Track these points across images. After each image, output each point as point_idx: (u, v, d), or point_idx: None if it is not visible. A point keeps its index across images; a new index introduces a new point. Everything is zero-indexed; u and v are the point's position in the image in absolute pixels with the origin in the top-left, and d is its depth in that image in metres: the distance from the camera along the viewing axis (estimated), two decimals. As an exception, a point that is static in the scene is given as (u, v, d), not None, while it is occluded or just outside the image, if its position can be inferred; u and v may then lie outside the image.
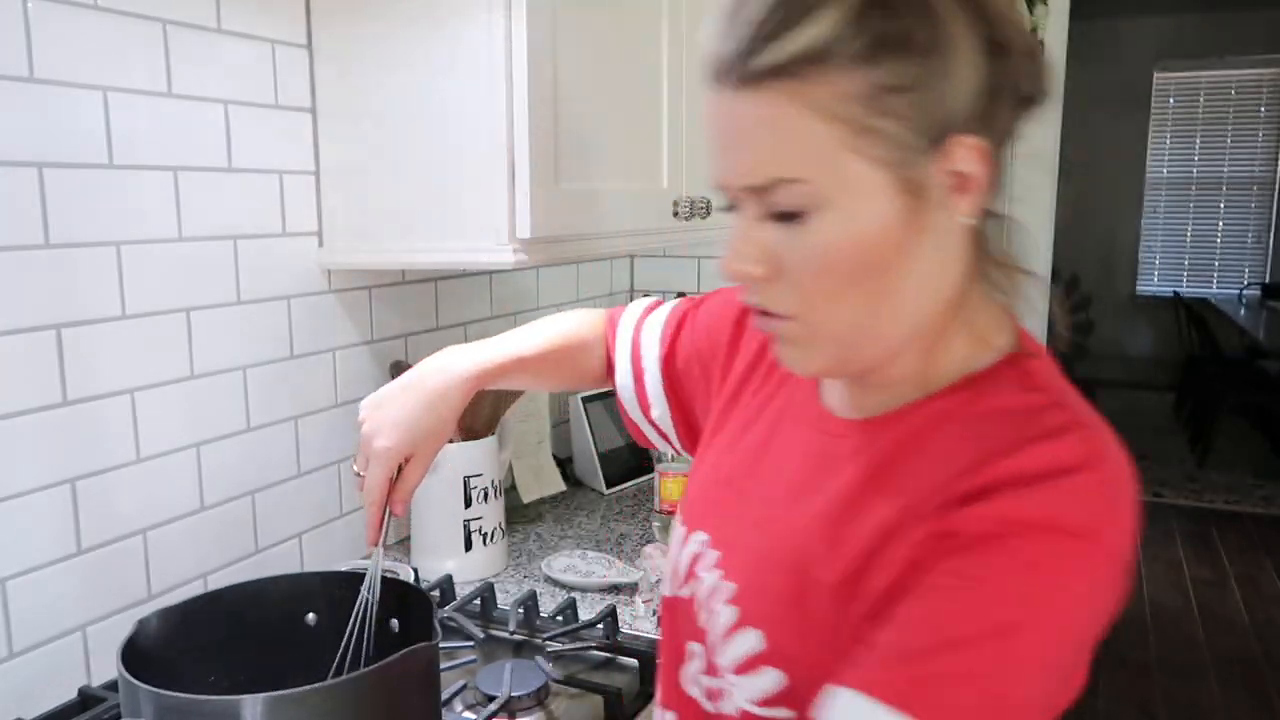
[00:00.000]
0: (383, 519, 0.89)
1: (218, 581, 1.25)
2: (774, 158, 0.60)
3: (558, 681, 1.08)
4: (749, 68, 0.59)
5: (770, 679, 0.67)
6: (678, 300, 1.00)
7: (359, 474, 0.90)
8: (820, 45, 0.56)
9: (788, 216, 0.60)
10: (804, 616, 0.66)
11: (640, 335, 0.99)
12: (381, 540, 0.90)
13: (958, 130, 0.59)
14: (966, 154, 0.60)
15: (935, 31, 0.57)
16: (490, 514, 1.43)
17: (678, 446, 0.99)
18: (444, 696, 0.99)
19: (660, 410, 0.97)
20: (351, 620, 0.89)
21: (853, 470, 0.68)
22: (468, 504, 1.40)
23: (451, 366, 0.94)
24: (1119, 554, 0.58)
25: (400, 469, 0.90)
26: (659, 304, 1.01)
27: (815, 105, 0.57)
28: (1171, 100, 6.65)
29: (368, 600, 0.89)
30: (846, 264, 0.60)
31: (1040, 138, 2.65)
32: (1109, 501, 0.59)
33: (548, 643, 1.19)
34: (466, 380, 0.94)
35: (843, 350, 0.65)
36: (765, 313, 0.65)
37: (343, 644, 0.89)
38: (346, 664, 0.89)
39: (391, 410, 0.90)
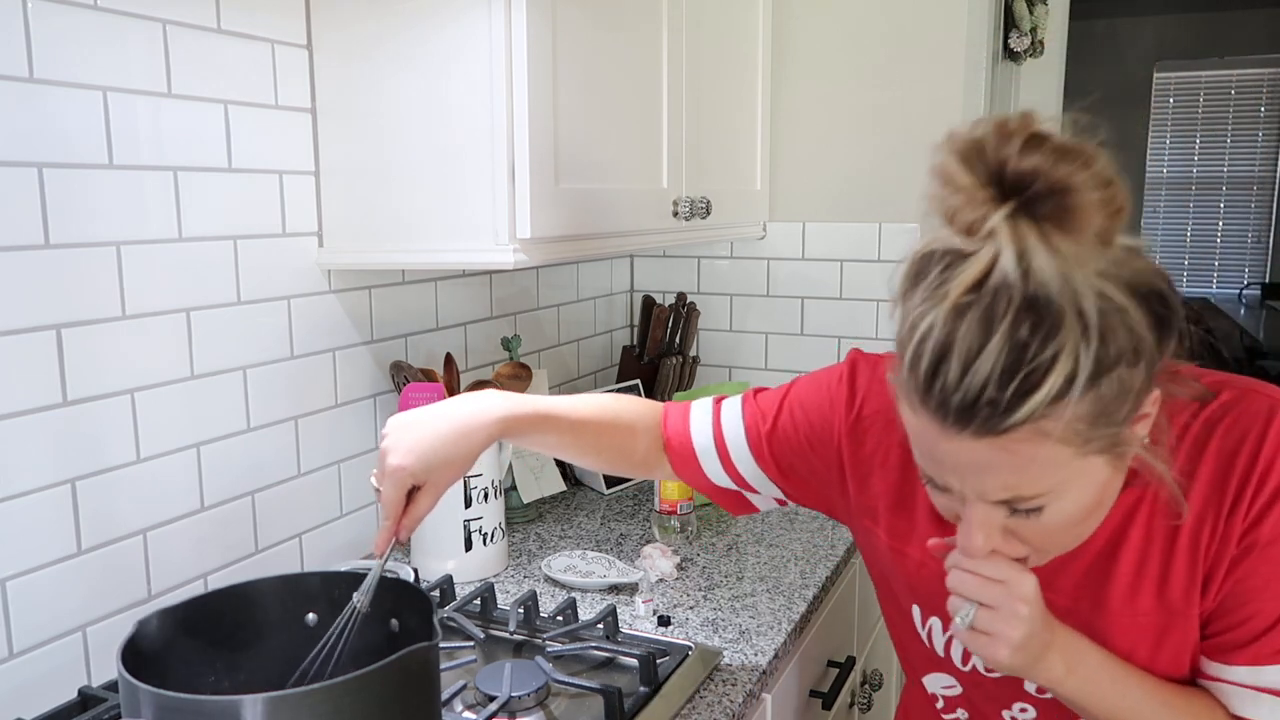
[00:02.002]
0: (393, 536, 0.91)
1: (218, 581, 1.25)
2: (1015, 482, 0.69)
3: (558, 681, 1.08)
4: (995, 426, 0.64)
5: None
6: (742, 393, 1.09)
7: (376, 488, 0.93)
8: (1055, 395, 0.62)
9: (1023, 510, 0.71)
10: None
11: (721, 414, 1.06)
12: (386, 556, 0.91)
13: (1150, 393, 0.69)
14: (1149, 403, 0.70)
15: (1132, 334, 0.64)
16: (490, 514, 1.43)
17: (775, 498, 1.08)
18: (444, 696, 0.99)
19: (749, 467, 1.04)
20: (336, 624, 0.90)
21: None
22: (468, 504, 1.40)
23: (483, 406, 0.96)
24: None
25: (413, 493, 0.91)
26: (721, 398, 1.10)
27: (1054, 436, 0.65)
28: (1171, 100, 6.65)
29: (357, 607, 0.89)
30: (1073, 522, 0.74)
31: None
32: None
33: (548, 643, 1.19)
34: (494, 423, 0.95)
35: (1069, 548, 0.81)
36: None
37: (321, 645, 0.89)
38: (316, 666, 0.89)
39: (414, 433, 0.92)
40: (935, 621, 0.95)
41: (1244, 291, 6.57)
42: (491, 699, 1.03)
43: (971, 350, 0.63)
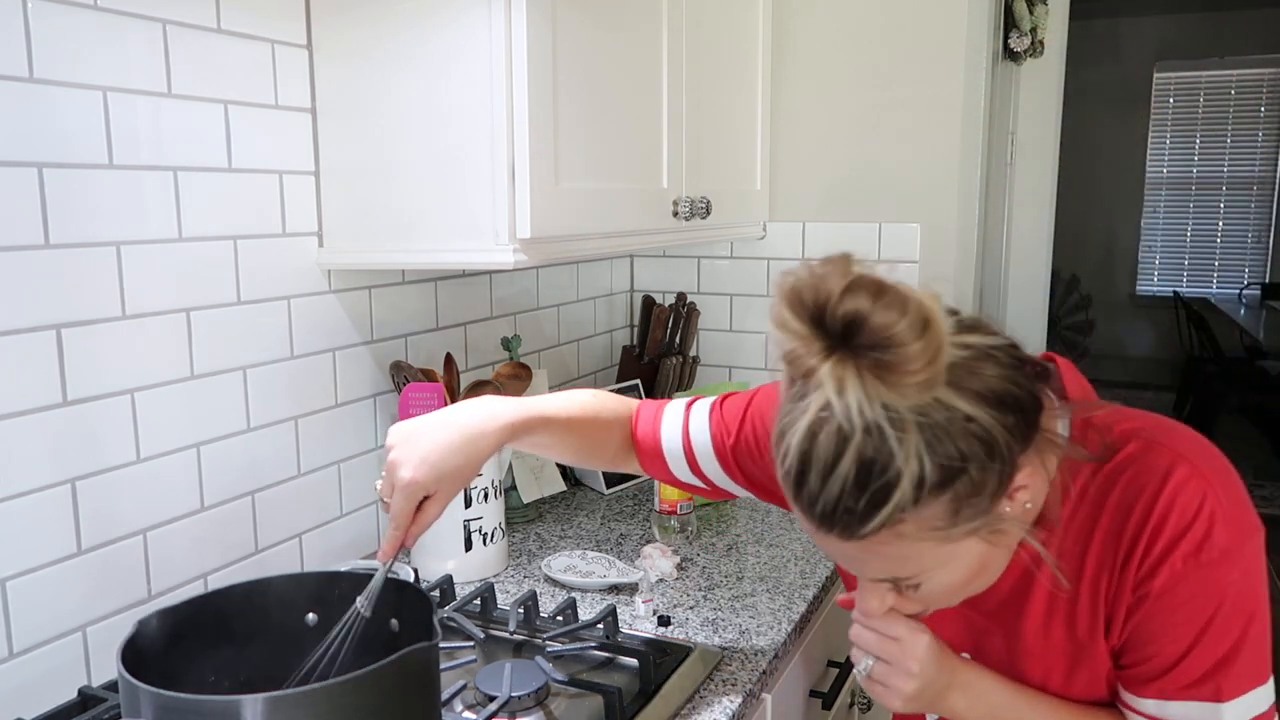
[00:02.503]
0: (400, 544, 0.92)
1: (218, 581, 1.25)
2: (888, 569, 0.76)
3: (558, 681, 1.08)
4: (850, 534, 0.70)
5: None
6: (713, 397, 1.11)
7: (384, 500, 0.93)
8: (904, 503, 0.67)
9: (905, 585, 0.78)
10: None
11: (690, 418, 1.09)
12: (391, 563, 0.91)
13: (1013, 479, 0.72)
14: (1021, 478, 0.73)
15: (980, 438, 0.68)
16: (490, 514, 1.43)
17: (737, 495, 1.12)
18: (444, 696, 0.99)
19: (716, 474, 1.08)
20: (337, 628, 0.90)
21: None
22: (468, 504, 1.40)
23: (491, 413, 0.97)
24: (1254, 528, 0.80)
25: (421, 502, 0.92)
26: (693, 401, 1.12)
27: (911, 536, 0.70)
28: (1171, 100, 6.65)
29: (359, 612, 0.89)
30: (954, 590, 0.79)
31: (1040, 138, 2.66)
32: (1230, 501, 0.79)
33: (548, 643, 1.19)
34: (502, 430, 0.97)
35: (970, 595, 0.83)
36: None
37: (321, 650, 0.89)
38: (319, 669, 0.89)
39: (422, 444, 0.92)
40: None
41: (1244, 291, 6.57)
42: (491, 699, 1.03)
43: (827, 465, 0.68)
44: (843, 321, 0.64)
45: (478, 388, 1.47)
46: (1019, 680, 0.90)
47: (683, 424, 1.08)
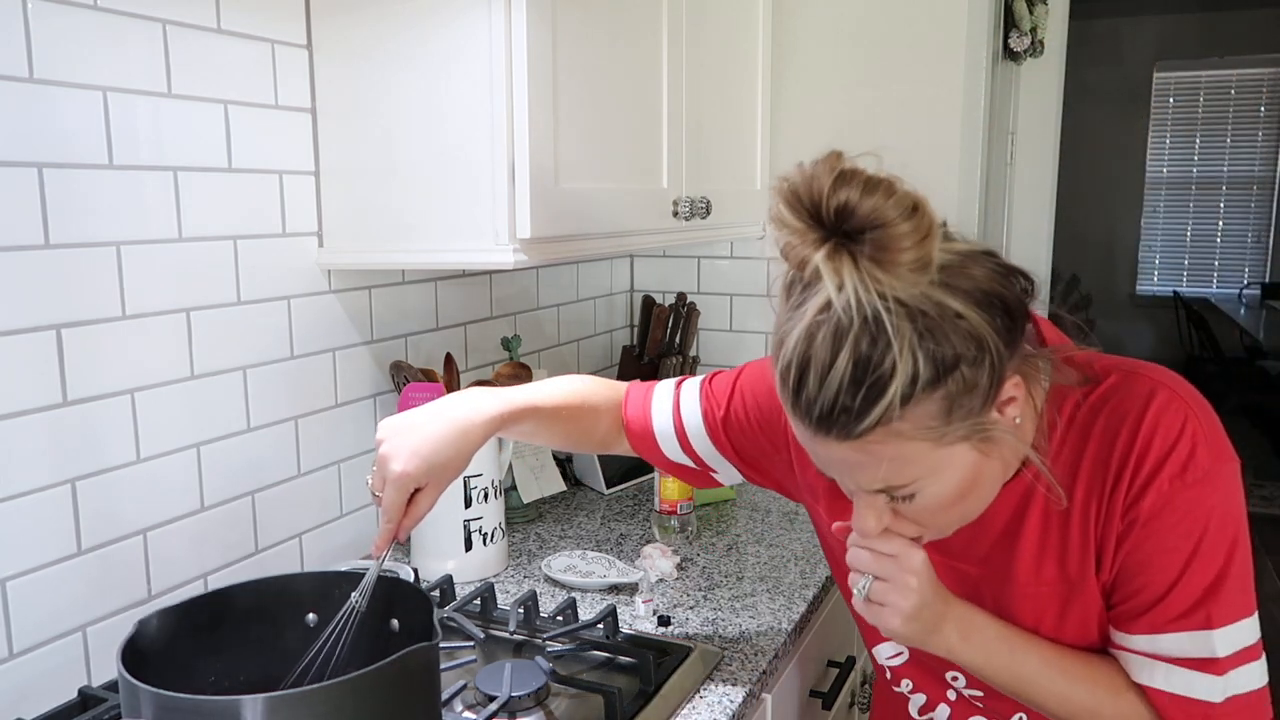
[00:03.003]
0: (394, 537, 0.92)
1: (218, 581, 1.25)
2: (884, 475, 0.76)
3: (558, 681, 1.08)
4: (850, 431, 0.71)
5: None
6: (702, 376, 1.11)
7: (375, 494, 0.93)
8: (899, 399, 0.69)
9: (898, 496, 0.78)
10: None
11: (681, 396, 1.09)
12: (384, 556, 0.91)
13: (1002, 384, 0.74)
14: (1009, 388, 0.75)
15: (971, 336, 0.70)
16: (490, 514, 1.43)
17: (724, 477, 1.12)
18: (444, 696, 0.99)
19: (707, 450, 1.08)
20: (334, 622, 0.90)
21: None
22: (468, 504, 1.40)
23: (478, 405, 0.98)
24: (1230, 455, 0.81)
25: (413, 495, 0.92)
26: (682, 380, 1.13)
27: (907, 434, 0.71)
28: (1171, 100, 6.65)
29: (355, 606, 0.90)
30: (949, 504, 0.80)
31: (1040, 138, 2.65)
32: (1209, 426, 0.80)
33: (548, 643, 1.19)
34: (491, 421, 0.97)
35: (963, 523, 0.85)
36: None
37: (319, 644, 0.89)
38: (316, 665, 0.89)
39: (413, 438, 0.93)
40: None
41: (1244, 291, 6.57)
42: (491, 699, 1.03)
43: (824, 365, 0.70)
44: (835, 211, 0.67)
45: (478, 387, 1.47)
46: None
47: (673, 403, 1.09)
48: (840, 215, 0.67)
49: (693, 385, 1.10)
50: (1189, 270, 6.83)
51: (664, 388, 1.12)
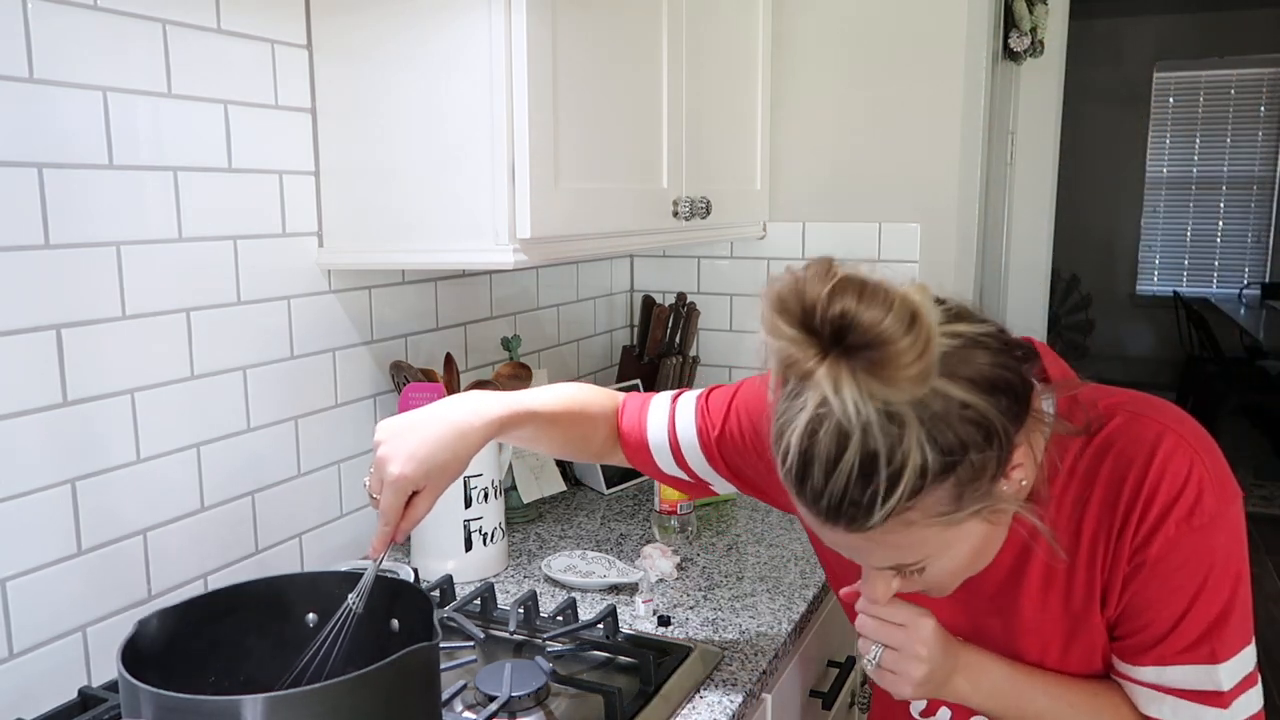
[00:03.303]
0: (391, 540, 0.91)
1: (218, 581, 1.25)
2: (894, 557, 0.77)
3: (558, 681, 1.08)
4: (861, 525, 0.71)
5: None
6: (700, 390, 1.11)
7: (373, 496, 0.93)
8: (908, 492, 0.69)
9: (910, 571, 0.79)
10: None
11: (676, 411, 1.09)
12: (381, 559, 0.91)
13: (1010, 459, 0.74)
14: (1016, 457, 0.75)
15: (977, 423, 0.70)
16: (490, 514, 1.43)
17: (721, 488, 1.12)
18: (444, 696, 0.99)
19: (701, 466, 1.08)
20: (330, 625, 0.90)
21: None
22: (468, 504, 1.40)
23: (477, 408, 0.97)
24: (1235, 492, 0.82)
25: (410, 498, 0.92)
26: (680, 393, 1.13)
27: (918, 522, 0.72)
28: (1171, 100, 6.65)
29: (352, 608, 0.90)
30: (960, 571, 0.82)
31: (1040, 138, 2.66)
32: (1214, 467, 0.81)
33: (548, 643, 1.19)
34: (490, 424, 0.97)
35: (969, 575, 0.85)
36: None
37: (315, 646, 0.89)
38: (313, 667, 0.89)
39: (410, 440, 0.92)
40: None
41: (1244, 291, 6.57)
42: (491, 699, 1.03)
43: (830, 460, 0.69)
44: (832, 324, 0.65)
45: (479, 388, 1.47)
46: (1017, 658, 0.91)
47: (668, 418, 1.09)
48: (838, 329, 0.65)
49: (689, 400, 1.09)
50: (1189, 270, 6.83)
51: (660, 401, 1.11)
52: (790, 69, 2.00)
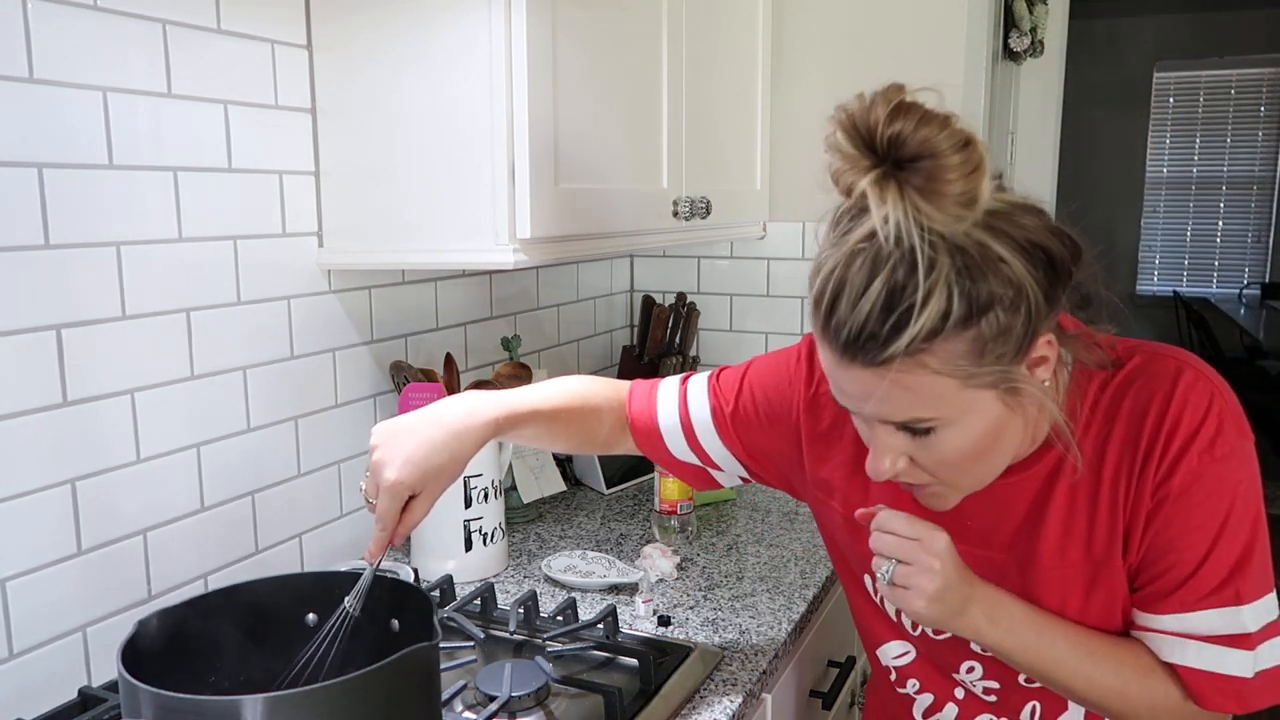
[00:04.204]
0: (388, 543, 0.91)
1: (218, 581, 1.25)
2: (907, 407, 0.75)
3: (558, 681, 1.08)
4: (875, 357, 0.71)
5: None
6: (709, 371, 1.11)
7: (369, 500, 0.92)
8: (930, 328, 0.69)
9: (918, 431, 0.77)
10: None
11: (688, 392, 1.09)
12: (378, 562, 0.90)
13: (1036, 338, 0.74)
14: (1042, 346, 0.76)
15: (1010, 282, 0.70)
16: (490, 514, 1.43)
17: (727, 477, 1.12)
18: (444, 696, 0.99)
19: (715, 446, 1.07)
20: (326, 627, 0.89)
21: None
22: (468, 504, 1.40)
23: (474, 409, 0.96)
24: (1249, 432, 0.83)
25: (407, 502, 0.91)
26: (688, 375, 1.13)
27: (934, 368, 0.71)
28: (1171, 100, 6.65)
29: (348, 611, 0.89)
30: (968, 456, 0.79)
31: (1040, 138, 2.66)
32: (1232, 403, 0.82)
33: (548, 643, 1.19)
34: (487, 425, 0.95)
35: (975, 487, 0.85)
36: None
37: (311, 648, 0.89)
38: (310, 669, 0.89)
39: (406, 443, 0.91)
40: None
41: (1244, 291, 6.57)
42: (491, 699, 1.03)
43: (859, 289, 0.70)
44: (887, 140, 0.68)
45: (479, 388, 1.47)
46: None
47: (679, 399, 1.09)
48: (892, 144, 0.68)
49: (699, 381, 1.09)
50: (1189, 270, 6.83)
51: (669, 384, 1.11)
52: (790, 68, 2.00)
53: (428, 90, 1.25)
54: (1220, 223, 6.70)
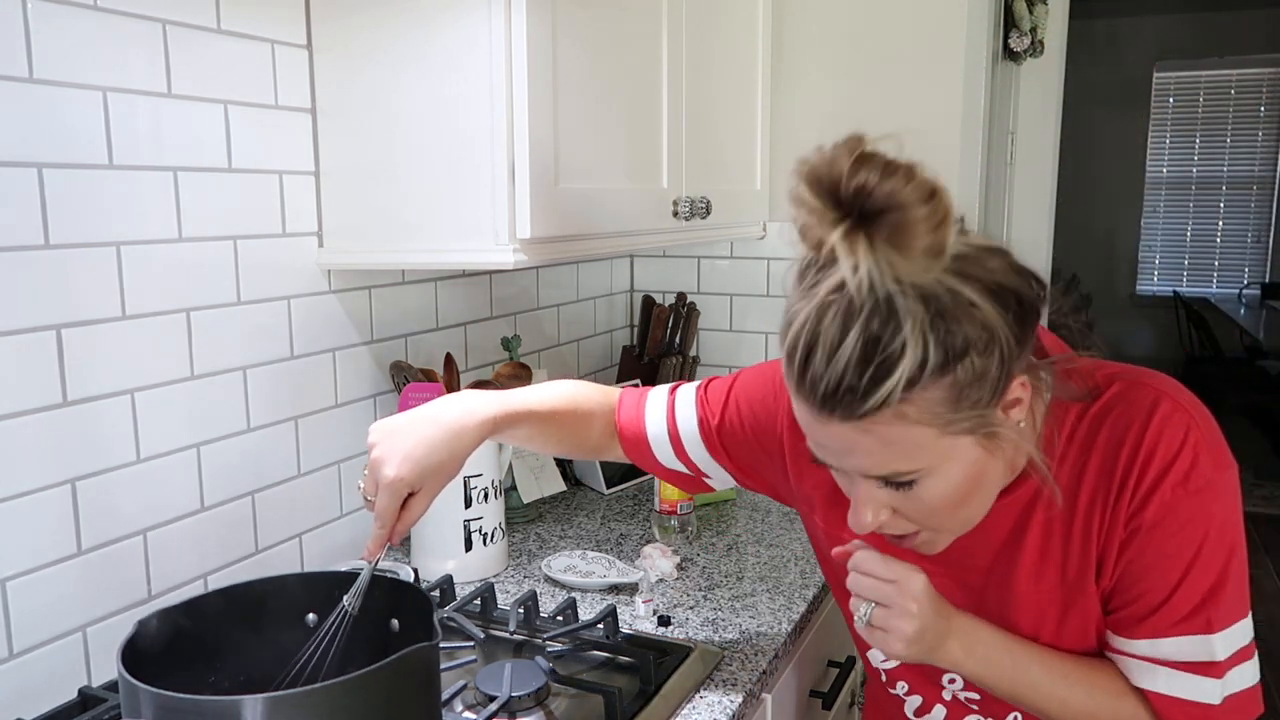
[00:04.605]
0: (387, 541, 0.91)
1: (218, 581, 1.25)
2: (888, 460, 0.75)
3: (558, 681, 1.08)
4: (855, 410, 0.71)
5: None
6: (697, 382, 1.11)
7: (368, 498, 0.92)
8: (909, 378, 0.69)
9: (901, 484, 0.77)
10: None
11: (675, 403, 1.09)
12: (377, 561, 0.90)
13: (1010, 380, 0.74)
14: (1016, 389, 0.76)
15: (983, 326, 0.70)
16: (490, 514, 1.43)
17: (717, 482, 1.12)
18: (444, 696, 0.99)
19: (702, 457, 1.08)
20: (325, 627, 0.89)
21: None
22: (468, 504, 1.40)
23: (472, 407, 0.97)
24: (1230, 462, 0.82)
25: (406, 499, 0.91)
26: (677, 385, 1.13)
27: (913, 418, 0.71)
28: (1171, 100, 6.65)
29: (347, 610, 0.89)
30: (951, 503, 0.79)
31: (1040, 138, 2.65)
32: (1210, 434, 0.81)
33: (548, 643, 1.19)
34: (484, 423, 0.96)
35: (963, 529, 0.84)
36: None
37: (310, 648, 0.89)
38: (309, 669, 0.89)
39: (404, 441, 0.91)
40: None
41: (1244, 291, 6.57)
42: (491, 699, 1.03)
43: (833, 343, 0.70)
44: (853, 192, 0.67)
45: (477, 388, 1.47)
46: (1012, 633, 0.91)
47: (667, 409, 1.09)
48: (858, 196, 0.67)
49: (688, 391, 1.10)
50: (1189, 270, 6.83)
51: (658, 394, 1.11)
52: (790, 69, 2.00)
53: (428, 90, 1.25)
54: (1220, 223, 6.70)
